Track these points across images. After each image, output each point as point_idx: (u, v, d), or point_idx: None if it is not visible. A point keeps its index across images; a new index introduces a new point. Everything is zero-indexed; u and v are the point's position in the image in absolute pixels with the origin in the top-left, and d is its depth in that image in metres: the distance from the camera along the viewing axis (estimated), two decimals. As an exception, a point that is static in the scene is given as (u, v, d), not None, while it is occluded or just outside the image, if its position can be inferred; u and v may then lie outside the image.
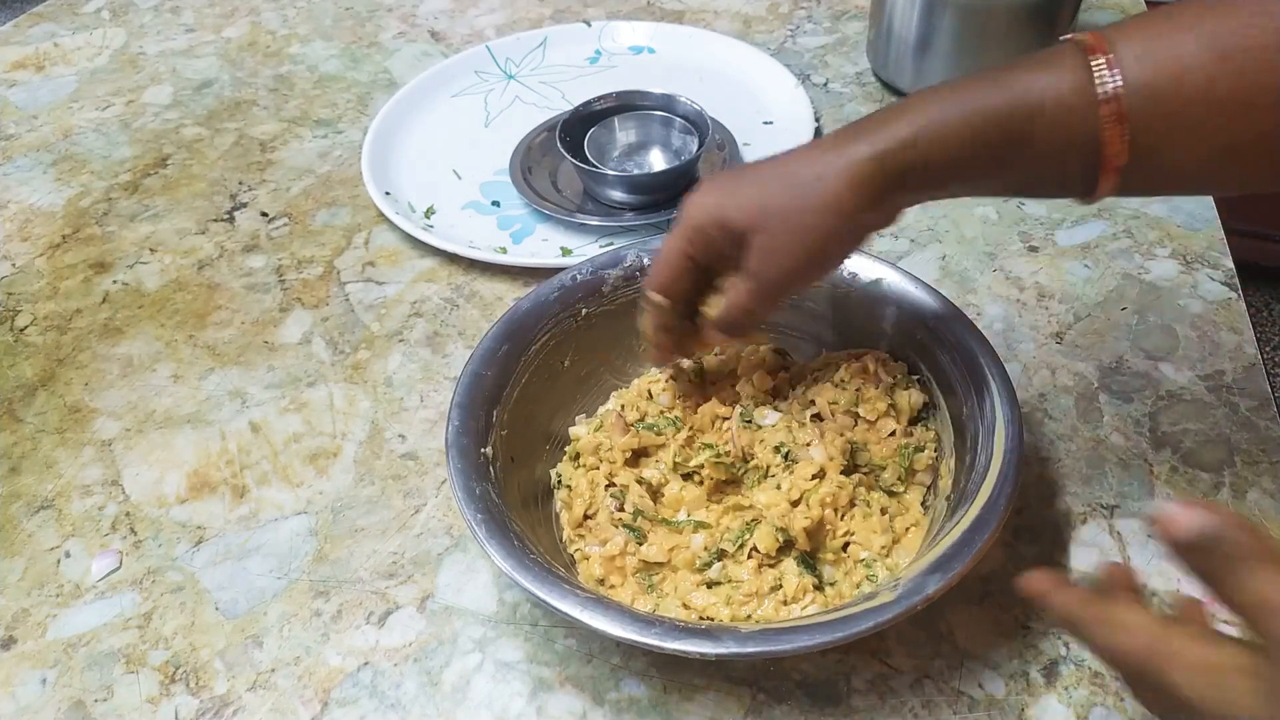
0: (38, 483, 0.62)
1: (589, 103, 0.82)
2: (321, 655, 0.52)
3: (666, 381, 0.57)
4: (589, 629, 0.43)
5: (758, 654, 0.42)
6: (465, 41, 1.02)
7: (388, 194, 0.80)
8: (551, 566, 0.46)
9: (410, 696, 0.50)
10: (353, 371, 0.67)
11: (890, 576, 0.48)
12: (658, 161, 0.82)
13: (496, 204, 0.81)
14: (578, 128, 0.81)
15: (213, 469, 0.62)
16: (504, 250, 0.75)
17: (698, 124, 0.80)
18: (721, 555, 0.50)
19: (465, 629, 0.52)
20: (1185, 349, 0.63)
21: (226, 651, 0.52)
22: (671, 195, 0.77)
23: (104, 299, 0.75)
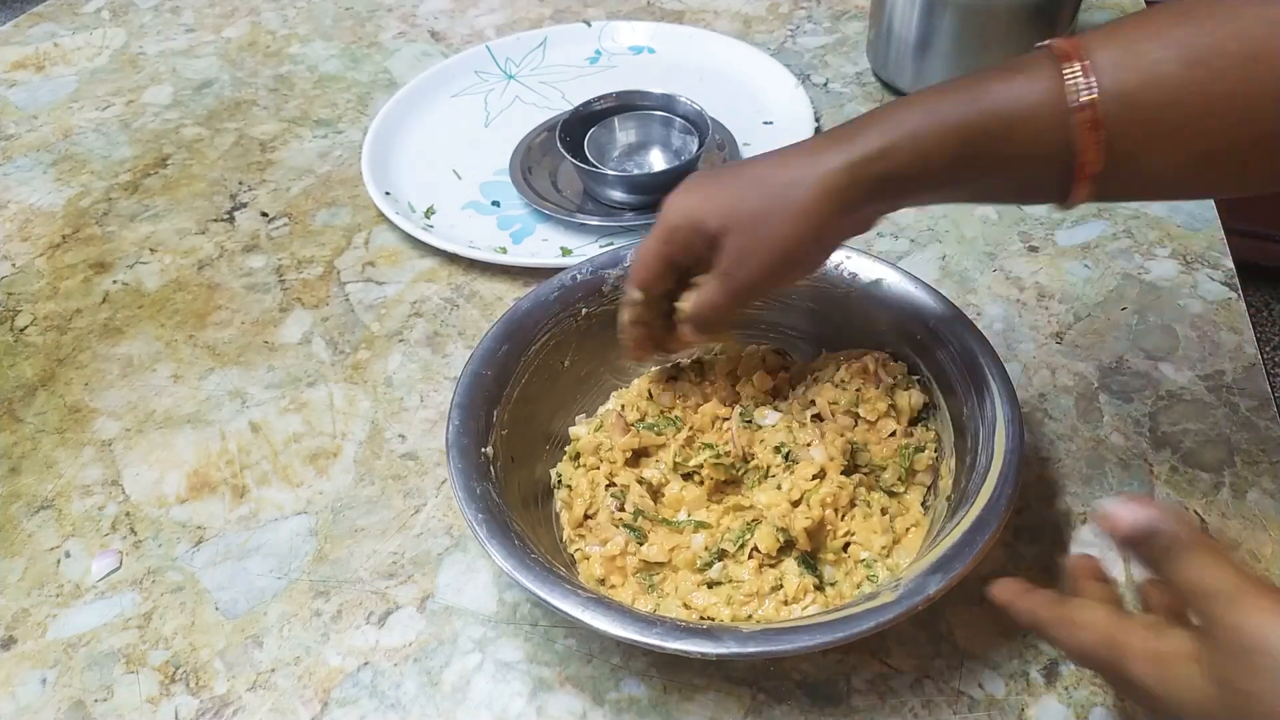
0: (38, 483, 0.62)
1: (589, 103, 0.82)
2: (321, 655, 0.52)
3: (667, 381, 0.57)
4: (590, 629, 0.43)
5: (758, 654, 0.42)
6: (465, 41, 1.02)
7: (388, 194, 0.80)
8: (552, 566, 0.46)
9: (410, 696, 0.50)
10: (353, 371, 0.67)
11: (891, 577, 0.48)
12: (658, 161, 0.82)
13: (496, 204, 0.81)
14: (578, 128, 0.81)
15: (213, 469, 0.62)
16: (504, 250, 0.75)
17: (698, 124, 0.80)
18: (722, 555, 0.50)
19: (465, 629, 0.52)
20: (1185, 349, 0.63)
21: (226, 651, 0.52)
22: (671, 195, 0.77)
23: (104, 299, 0.75)
